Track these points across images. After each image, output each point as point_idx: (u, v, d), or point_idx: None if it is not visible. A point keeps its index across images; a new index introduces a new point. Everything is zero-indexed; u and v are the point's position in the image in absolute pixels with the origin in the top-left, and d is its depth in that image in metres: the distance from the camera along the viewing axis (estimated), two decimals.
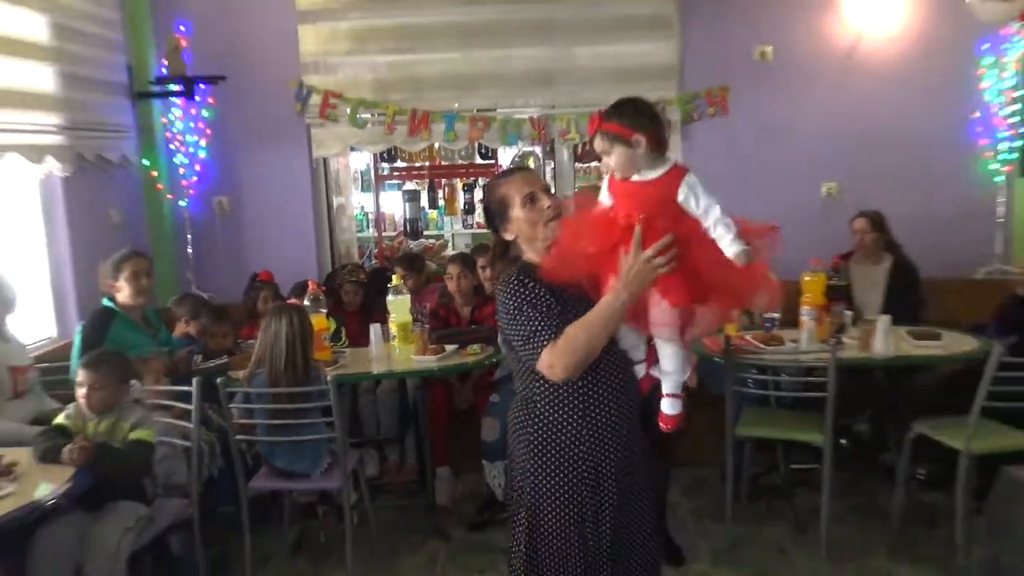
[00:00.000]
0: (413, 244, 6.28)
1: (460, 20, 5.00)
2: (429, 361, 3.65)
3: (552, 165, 5.53)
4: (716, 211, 1.86)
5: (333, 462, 3.40)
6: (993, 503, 2.14)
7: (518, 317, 1.95)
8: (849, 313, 4.04)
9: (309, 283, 3.93)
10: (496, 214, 2.08)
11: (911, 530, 3.68)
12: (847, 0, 4.82)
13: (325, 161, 5.35)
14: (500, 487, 3.70)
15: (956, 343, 3.68)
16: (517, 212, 2.02)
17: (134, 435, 2.88)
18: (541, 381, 2.00)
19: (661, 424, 2.06)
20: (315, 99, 5.02)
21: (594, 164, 5.86)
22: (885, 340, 3.58)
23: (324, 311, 3.79)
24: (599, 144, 1.95)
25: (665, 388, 2.05)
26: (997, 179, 4.88)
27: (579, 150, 5.66)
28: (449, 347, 3.78)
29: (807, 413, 3.63)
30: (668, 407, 2.04)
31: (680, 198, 1.87)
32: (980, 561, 2.12)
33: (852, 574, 3.37)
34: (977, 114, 4.87)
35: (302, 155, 5.15)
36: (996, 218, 4.93)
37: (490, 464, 3.76)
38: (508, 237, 2.08)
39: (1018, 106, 4.78)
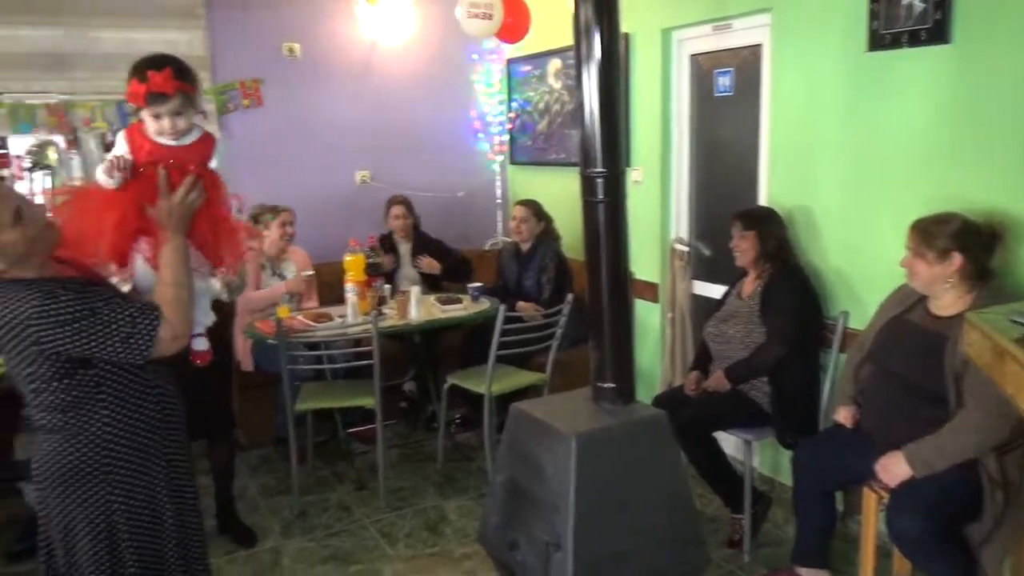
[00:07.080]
0: None
1: None
2: None
3: (78, 155, 4.80)
4: None
5: None
6: (506, 432, 2.46)
7: (93, 323, 1.68)
8: (388, 287, 4.22)
9: None
10: None
11: (453, 468, 3.98)
12: (362, 10, 4.89)
13: None
14: None
15: (473, 305, 4.07)
16: (8, 236, 1.66)
17: None
18: (89, 386, 1.76)
19: (197, 360, 2.03)
20: None
21: None
22: (418, 308, 3.82)
23: None
24: (174, 105, 1.81)
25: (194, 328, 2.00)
26: (493, 167, 5.48)
27: (107, 139, 4.98)
28: None
29: (360, 381, 3.69)
30: (198, 344, 2.02)
31: (213, 163, 1.96)
32: (500, 481, 2.41)
33: (409, 516, 3.50)
34: (474, 112, 5.39)
35: None
36: (496, 199, 5.55)
37: (28, 484, 3.16)
38: None
39: (503, 107, 5.42)
